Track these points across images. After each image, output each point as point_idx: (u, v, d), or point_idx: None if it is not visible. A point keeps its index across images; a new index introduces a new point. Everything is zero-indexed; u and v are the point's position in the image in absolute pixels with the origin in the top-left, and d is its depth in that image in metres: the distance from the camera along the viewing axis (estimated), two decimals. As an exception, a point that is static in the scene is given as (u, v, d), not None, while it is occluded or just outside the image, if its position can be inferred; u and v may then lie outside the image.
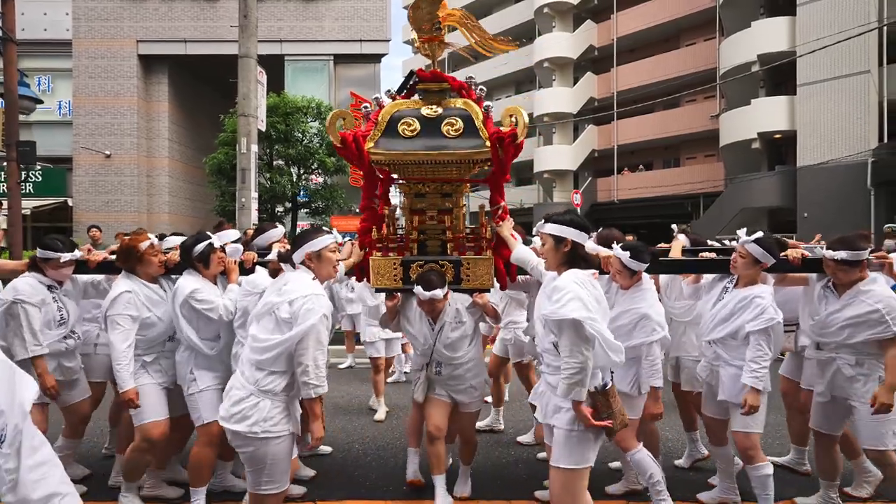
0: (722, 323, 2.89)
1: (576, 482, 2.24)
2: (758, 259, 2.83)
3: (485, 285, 3.05)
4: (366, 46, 16.54)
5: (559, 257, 2.34)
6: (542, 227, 2.40)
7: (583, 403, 2.17)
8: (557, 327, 2.20)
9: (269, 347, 2.28)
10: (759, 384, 2.73)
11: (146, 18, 16.67)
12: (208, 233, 3.11)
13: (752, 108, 18.89)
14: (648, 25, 23.89)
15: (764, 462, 2.86)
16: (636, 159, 25.48)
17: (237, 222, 9.09)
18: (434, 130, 2.89)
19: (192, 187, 19.07)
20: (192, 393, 2.95)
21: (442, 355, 3.07)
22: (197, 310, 2.88)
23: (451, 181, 3.06)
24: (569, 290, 2.18)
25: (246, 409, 2.25)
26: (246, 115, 9.03)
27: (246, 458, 2.30)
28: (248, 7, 9.01)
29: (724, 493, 3.15)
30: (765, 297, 2.80)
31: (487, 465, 3.73)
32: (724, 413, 2.99)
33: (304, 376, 2.27)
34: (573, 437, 2.21)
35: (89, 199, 16.81)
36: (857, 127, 16.40)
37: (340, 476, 3.57)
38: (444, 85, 3.02)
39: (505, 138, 2.80)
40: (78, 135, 16.68)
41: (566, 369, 2.16)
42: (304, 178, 13.01)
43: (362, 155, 2.86)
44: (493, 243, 3.07)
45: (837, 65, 16.16)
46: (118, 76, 16.66)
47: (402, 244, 3.12)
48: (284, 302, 2.31)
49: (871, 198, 15.89)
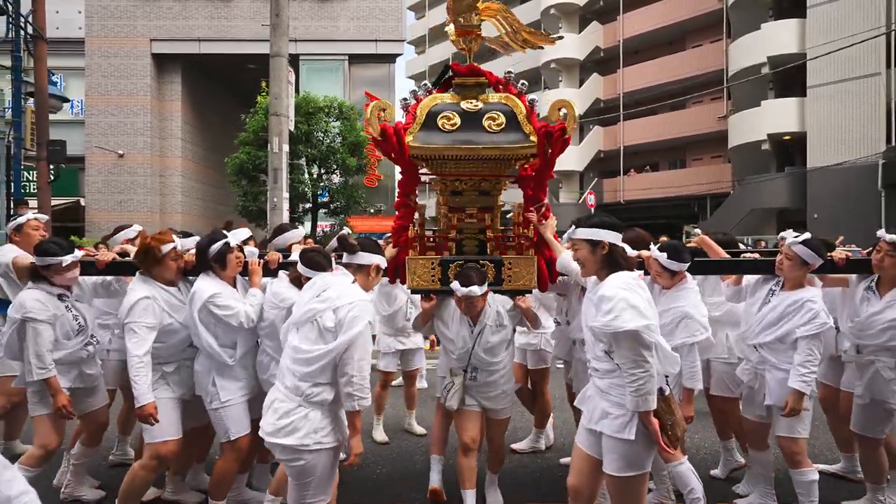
0: (770, 327, 2.82)
1: (635, 488, 2.14)
2: (805, 261, 2.76)
3: (527, 286, 2.91)
4: (381, 46, 16.57)
5: (598, 261, 2.22)
6: (574, 234, 2.28)
7: (651, 414, 2.05)
8: (613, 339, 2.08)
9: (313, 359, 2.19)
10: (808, 389, 2.68)
11: (160, 17, 16.61)
12: (223, 231, 2.90)
13: (762, 109, 19.05)
14: (654, 27, 24.04)
15: (810, 468, 2.81)
16: (642, 160, 25.62)
17: (269, 222, 9.08)
18: (475, 125, 2.78)
19: (204, 187, 19.02)
20: (216, 408, 2.74)
21: (480, 360, 2.88)
22: (216, 315, 2.68)
23: (492, 177, 2.95)
24: (618, 298, 2.05)
25: (296, 422, 2.18)
26: (278, 114, 9.02)
27: (295, 471, 2.22)
28: (280, 6, 8.99)
29: (761, 499, 3.06)
30: (816, 301, 2.74)
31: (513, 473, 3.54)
32: (767, 417, 2.94)
33: (349, 387, 2.19)
34: (626, 444, 2.09)
35: (102, 198, 16.72)
36: (867, 129, 16.58)
37: (361, 483, 3.44)
38: (481, 79, 2.91)
39: (553, 133, 2.71)
40: (90, 134, 16.60)
41: (633, 381, 2.03)
42: (325, 178, 13.00)
43: (403, 148, 2.73)
44: (535, 242, 2.94)
45: (847, 67, 16.34)
46: (131, 75, 16.60)
47: (439, 243, 2.98)
48: (328, 310, 2.22)
49: (881, 199, 16.07)
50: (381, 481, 3.54)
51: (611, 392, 2.16)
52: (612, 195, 25.78)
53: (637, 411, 2.05)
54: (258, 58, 16.30)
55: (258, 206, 12.12)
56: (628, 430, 2.08)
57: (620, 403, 2.11)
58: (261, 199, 11.95)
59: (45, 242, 2.89)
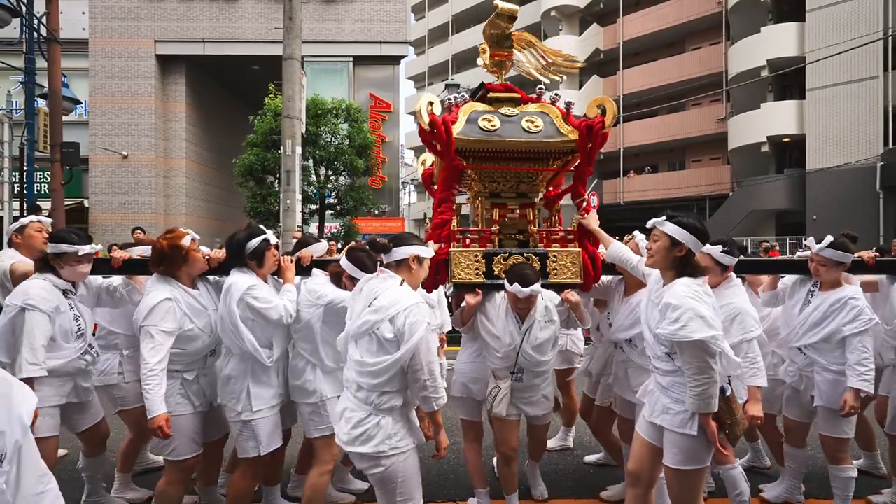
0: (814, 328, 2.84)
1: (694, 482, 2.18)
2: (838, 261, 2.82)
3: (574, 279, 2.86)
4: (385, 48, 16.65)
5: (670, 260, 2.20)
6: (662, 225, 2.23)
7: (710, 417, 2.08)
8: (679, 347, 2.09)
9: (380, 371, 2.16)
10: (870, 387, 2.68)
11: (164, 18, 16.62)
12: (262, 227, 2.77)
13: (762, 112, 19.26)
14: (654, 30, 24.21)
15: (850, 465, 2.86)
16: (642, 162, 25.80)
17: (282, 224, 9.14)
18: (514, 126, 2.87)
19: (208, 189, 19.03)
20: (246, 419, 2.57)
21: (528, 358, 2.79)
22: (254, 309, 2.52)
23: (529, 176, 3.00)
24: (685, 307, 2.05)
25: (370, 430, 2.16)
26: (291, 116, 9.07)
27: (376, 479, 2.20)
28: (293, 9, 9.06)
29: (789, 493, 3.16)
30: (859, 298, 2.77)
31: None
32: (808, 417, 3.01)
33: (424, 391, 2.18)
34: (687, 440, 2.13)
35: (106, 200, 16.71)
36: (865, 131, 16.82)
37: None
38: (514, 95, 3.02)
39: (595, 126, 2.78)
40: (94, 135, 16.58)
41: (696, 386, 2.05)
42: (333, 180, 13.08)
43: (450, 139, 2.72)
44: (577, 235, 2.94)
45: (846, 70, 16.57)
46: (135, 76, 16.60)
47: (482, 237, 2.93)
48: (384, 321, 2.16)
49: (879, 201, 16.30)
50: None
51: (672, 389, 2.19)
52: (613, 196, 25.94)
53: (699, 413, 2.07)
54: (263, 59, 16.39)
55: (267, 208, 12.16)
56: (690, 426, 2.11)
57: (681, 400, 2.14)
58: (270, 200, 11.99)
59: (62, 231, 2.72)
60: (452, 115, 2.84)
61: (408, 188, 33.22)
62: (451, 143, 2.74)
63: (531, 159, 2.91)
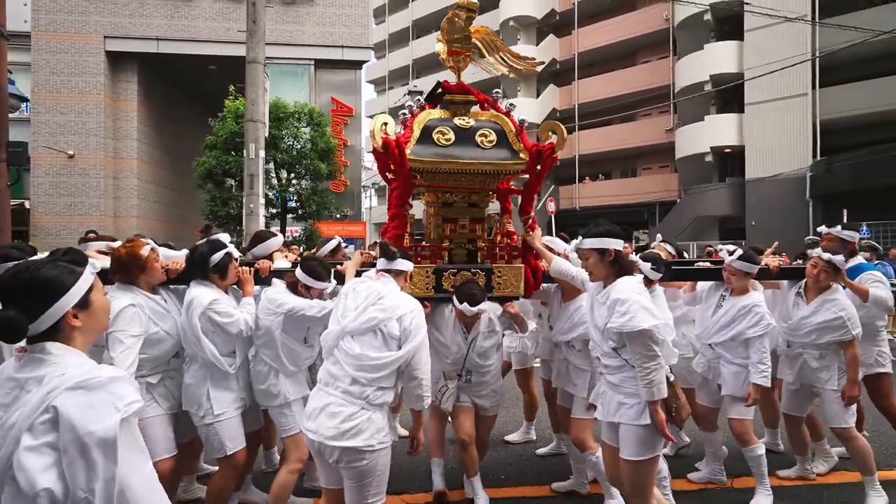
0: (724, 328, 3.24)
1: (649, 470, 2.34)
2: (746, 272, 3.23)
3: (516, 293, 3.10)
4: (347, 53, 16.68)
5: (606, 268, 2.40)
6: (583, 244, 2.46)
7: (659, 405, 2.25)
8: (627, 338, 2.27)
9: (383, 365, 2.26)
10: (768, 382, 3.13)
11: (114, 14, 16.03)
12: (224, 239, 2.84)
13: (706, 123, 20.48)
14: (607, 42, 25.25)
15: (757, 444, 3.24)
16: (596, 168, 26.79)
17: (245, 228, 9.07)
18: (468, 140, 2.97)
19: (161, 191, 18.40)
20: (210, 423, 2.67)
21: (474, 364, 3.10)
22: (216, 323, 2.64)
23: (482, 191, 3.14)
24: (633, 300, 2.25)
25: (361, 424, 2.21)
26: (254, 120, 9.03)
27: (356, 472, 2.23)
28: (257, 12, 9.02)
29: (712, 475, 3.55)
30: (761, 305, 3.17)
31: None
32: (717, 403, 3.42)
33: (419, 389, 2.31)
34: (642, 430, 2.28)
35: (49, 201, 15.90)
36: (797, 144, 18.20)
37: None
38: (470, 97, 3.11)
39: (544, 152, 2.96)
40: (37, 133, 15.77)
41: (645, 374, 2.23)
42: (295, 183, 13.00)
43: (404, 160, 2.83)
44: (521, 250, 3.14)
45: (780, 87, 17.89)
46: (83, 72, 15.91)
47: (433, 252, 3.09)
48: (392, 319, 2.29)
49: (809, 209, 17.66)
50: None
51: (624, 385, 2.36)
52: (569, 202, 26.77)
53: (650, 401, 2.25)
54: (220, 59, 16.07)
55: (227, 211, 11.96)
56: (644, 416, 2.29)
57: (634, 393, 2.32)
58: (231, 203, 11.80)
59: (2, 249, 2.66)
60: (406, 134, 2.94)
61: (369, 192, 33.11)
62: (406, 164, 2.86)
63: (483, 175, 3.04)
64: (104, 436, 1.12)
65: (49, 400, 1.13)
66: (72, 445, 1.10)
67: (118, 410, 1.15)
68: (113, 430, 1.12)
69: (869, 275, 3.61)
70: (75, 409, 1.12)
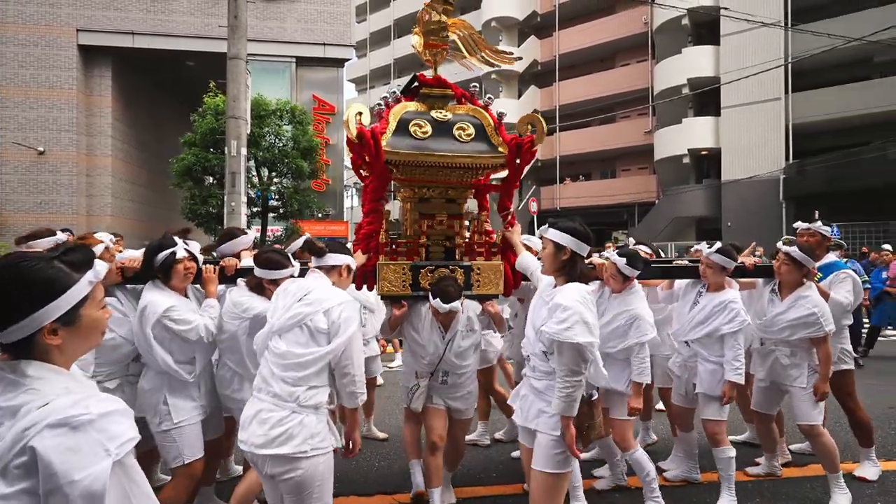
0: (699, 325, 3.19)
1: (558, 485, 2.20)
2: (722, 266, 3.17)
3: (495, 291, 3.00)
4: (329, 50, 16.51)
5: (556, 264, 2.27)
6: (545, 232, 2.34)
7: (571, 420, 2.13)
8: (558, 347, 2.15)
9: (309, 362, 2.10)
10: (742, 379, 3.09)
11: (87, 6, 15.58)
12: (176, 238, 2.65)
13: (683, 126, 20.89)
14: (587, 45, 25.58)
15: (728, 446, 3.18)
16: (576, 169, 27.10)
17: (225, 226, 8.89)
18: (446, 133, 2.85)
19: (137, 189, 17.94)
20: (166, 429, 2.53)
21: (451, 364, 2.93)
22: (173, 331, 2.49)
23: (459, 185, 3.03)
24: (575, 311, 2.11)
25: (291, 429, 2.03)
26: (236, 117, 8.86)
27: (292, 485, 2.03)
28: (239, 7, 8.87)
29: (686, 473, 3.54)
30: (737, 301, 3.12)
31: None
32: (692, 402, 3.36)
33: (351, 386, 2.17)
34: (557, 442, 2.17)
35: (18, 199, 15.37)
36: (771, 147, 18.69)
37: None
38: (447, 91, 2.98)
39: (523, 145, 2.85)
40: (5, 128, 15.23)
41: (563, 388, 2.11)
42: (277, 182, 12.80)
43: (379, 152, 2.70)
44: (500, 247, 3.03)
45: (755, 91, 18.35)
46: (54, 66, 15.42)
47: (410, 248, 2.96)
48: (318, 312, 2.14)
49: (783, 210, 18.16)
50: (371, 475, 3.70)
51: (548, 392, 2.23)
52: (550, 202, 27.02)
53: (561, 415, 2.13)
54: (199, 55, 15.75)
55: (207, 210, 11.71)
56: (559, 428, 2.15)
57: None
58: (211, 202, 11.55)
59: None
60: (381, 125, 2.81)
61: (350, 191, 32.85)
62: (381, 156, 2.72)
63: (461, 169, 2.92)
64: (89, 487, 0.94)
65: (25, 439, 0.94)
66: (53, 497, 0.93)
67: (108, 455, 0.97)
68: (101, 481, 0.94)
69: (843, 273, 3.63)
70: (56, 453, 0.93)
